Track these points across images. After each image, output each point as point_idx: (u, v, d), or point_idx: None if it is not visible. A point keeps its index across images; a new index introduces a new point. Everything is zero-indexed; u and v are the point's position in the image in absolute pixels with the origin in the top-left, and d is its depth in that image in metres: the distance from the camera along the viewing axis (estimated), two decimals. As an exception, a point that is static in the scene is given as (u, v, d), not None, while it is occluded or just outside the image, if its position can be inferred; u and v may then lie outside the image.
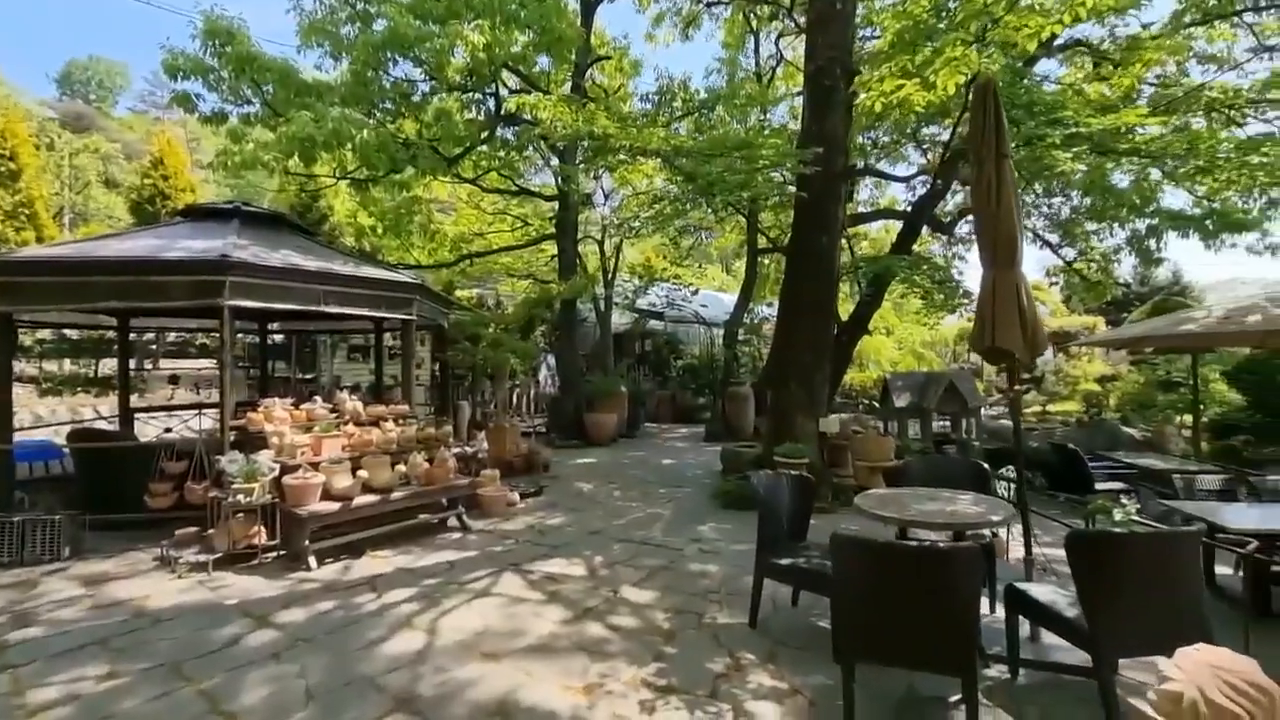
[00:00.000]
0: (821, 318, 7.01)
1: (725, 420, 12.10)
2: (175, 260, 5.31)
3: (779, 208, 12.66)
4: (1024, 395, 19.02)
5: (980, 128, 3.24)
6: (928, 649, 2.45)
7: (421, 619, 3.74)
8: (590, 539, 5.45)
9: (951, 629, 2.39)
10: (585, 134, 8.28)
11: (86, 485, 5.74)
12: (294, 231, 7.57)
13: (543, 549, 5.16)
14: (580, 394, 11.65)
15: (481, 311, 12.65)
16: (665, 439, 12.46)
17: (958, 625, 2.38)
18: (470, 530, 5.68)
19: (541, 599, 4.08)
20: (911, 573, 2.45)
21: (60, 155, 20.03)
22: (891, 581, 2.50)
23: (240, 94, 8.00)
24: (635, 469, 8.91)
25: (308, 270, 5.92)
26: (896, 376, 11.43)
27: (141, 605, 3.92)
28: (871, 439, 6.78)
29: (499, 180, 13.85)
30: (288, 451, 5.19)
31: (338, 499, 4.88)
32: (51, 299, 5.15)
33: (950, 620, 2.38)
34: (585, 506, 6.64)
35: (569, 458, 9.72)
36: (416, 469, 5.44)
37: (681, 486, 7.69)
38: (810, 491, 3.98)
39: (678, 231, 13.17)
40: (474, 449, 6.89)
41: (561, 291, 10.76)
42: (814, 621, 3.75)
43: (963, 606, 2.37)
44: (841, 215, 7.21)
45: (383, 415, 6.35)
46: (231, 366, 5.50)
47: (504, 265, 16.24)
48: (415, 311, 6.93)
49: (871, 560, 2.55)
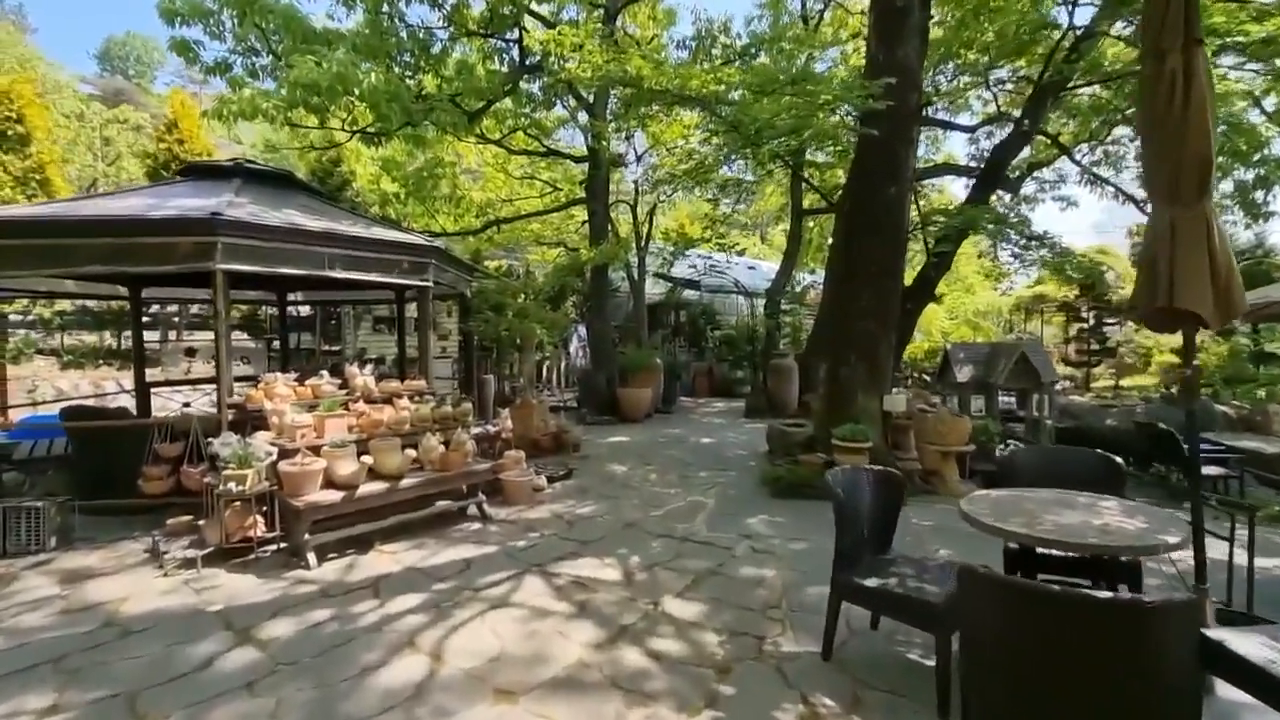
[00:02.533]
0: (888, 281, 6.12)
1: (767, 395, 11.32)
2: (160, 219, 4.74)
3: (827, 165, 11.62)
4: (1094, 368, 17.64)
5: (1162, 4, 2.34)
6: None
7: (427, 637, 3.15)
8: (625, 534, 4.81)
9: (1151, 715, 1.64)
10: (617, 78, 7.43)
11: (82, 467, 5.34)
12: (304, 192, 6.98)
13: (571, 545, 4.54)
14: (613, 367, 10.99)
15: (509, 280, 12.02)
16: (702, 414, 11.76)
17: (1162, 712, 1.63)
18: (491, 521, 5.10)
19: (569, 612, 3.45)
20: (1093, 635, 1.69)
21: (91, 127, 20.05)
22: (1059, 646, 1.74)
23: (246, 43, 7.37)
24: (672, 449, 8.24)
25: (310, 231, 5.31)
26: (958, 347, 10.43)
27: (116, 610, 3.43)
28: (945, 419, 5.93)
29: (526, 141, 13.08)
30: (288, 433, 4.65)
31: (341, 487, 4.32)
32: (29, 263, 4.66)
33: (1152, 706, 1.63)
34: (619, 493, 6.00)
35: (601, 435, 9.11)
36: (430, 453, 4.84)
37: (724, 470, 6.98)
38: (899, 492, 3.23)
39: (718, 188, 12.20)
40: (498, 428, 6.29)
41: (593, 257, 10.02)
42: (903, 653, 3.03)
43: (1173, 689, 1.62)
44: (913, 162, 6.25)
45: (397, 392, 5.77)
46: (227, 337, 4.96)
47: (533, 233, 15.55)
48: (432, 277, 6.29)
49: (1027, 613, 1.79)
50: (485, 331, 8.24)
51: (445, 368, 12.30)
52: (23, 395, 8.96)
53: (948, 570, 2.79)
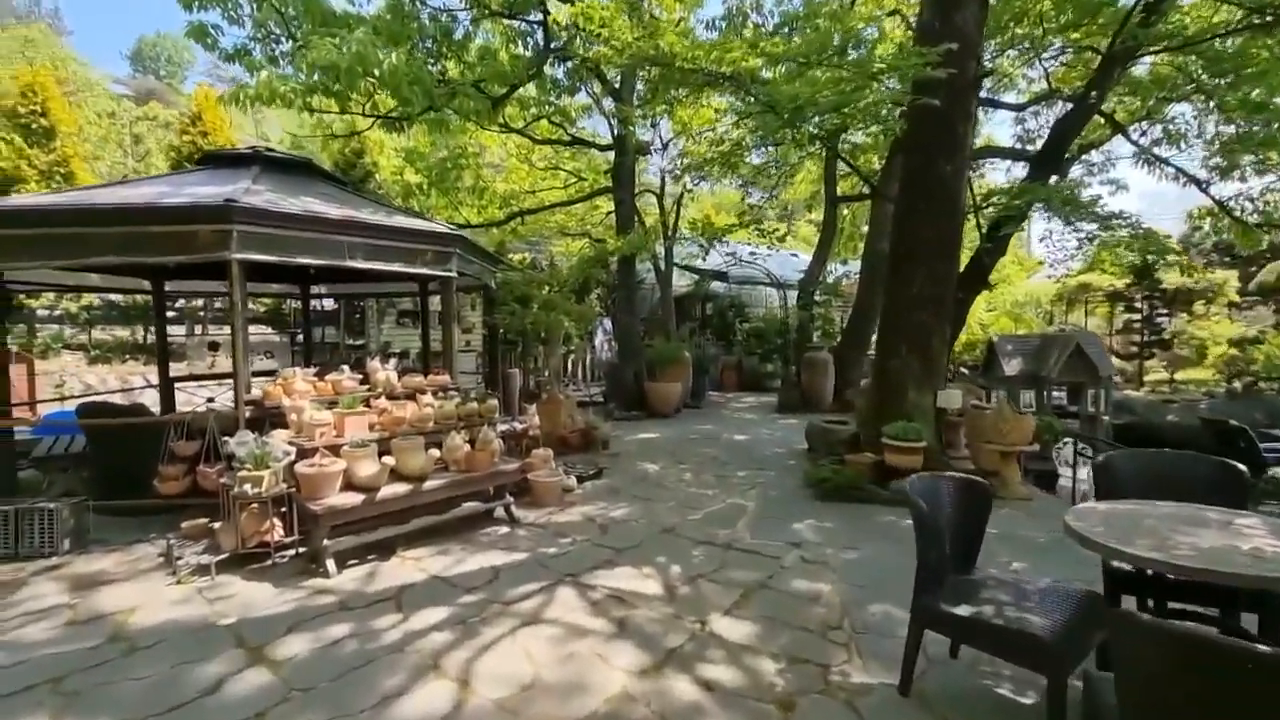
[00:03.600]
0: (942, 266, 5.66)
1: (800, 389, 10.89)
2: (173, 207, 4.51)
3: (865, 147, 11.08)
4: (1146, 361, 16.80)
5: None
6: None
7: (453, 659, 2.86)
8: (663, 540, 4.47)
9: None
10: (647, 56, 7.06)
11: (99, 466, 5.18)
12: (325, 180, 6.75)
13: (606, 552, 4.22)
14: (641, 361, 10.65)
15: (534, 272, 11.74)
16: (733, 410, 11.37)
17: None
18: (519, 524, 4.80)
19: (608, 631, 3.13)
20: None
21: (122, 124, 20.33)
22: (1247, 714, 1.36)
23: (265, 28, 7.16)
24: (705, 445, 7.88)
25: (329, 218, 5.05)
26: (1005, 339, 9.90)
27: (124, 622, 3.20)
28: (1007, 416, 5.47)
29: (550, 130, 12.77)
30: (307, 431, 4.41)
31: (361, 490, 4.06)
32: (40, 254, 4.46)
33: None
34: (653, 494, 5.67)
35: (630, 431, 8.79)
36: (455, 452, 4.56)
37: (762, 469, 6.60)
38: (985, 502, 2.83)
39: (751, 174, 11.74)
40: (525, 424, 6.00)
41: (619, 247, 9.66)
42: (991, 687, 2.65)
43: None
44: (971, 138, 5.77)
45: (420, 388, 5.51)
46: (243, 331, 4.73)
47: (558, 224, 15.26)
48: (456, 267, 6.01)
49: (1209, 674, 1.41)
50: (510, 324, 7.96)
51: (469, 361, 12.09)
52: (51, 390, 8.93)
53: (1054, 596, 2.40)
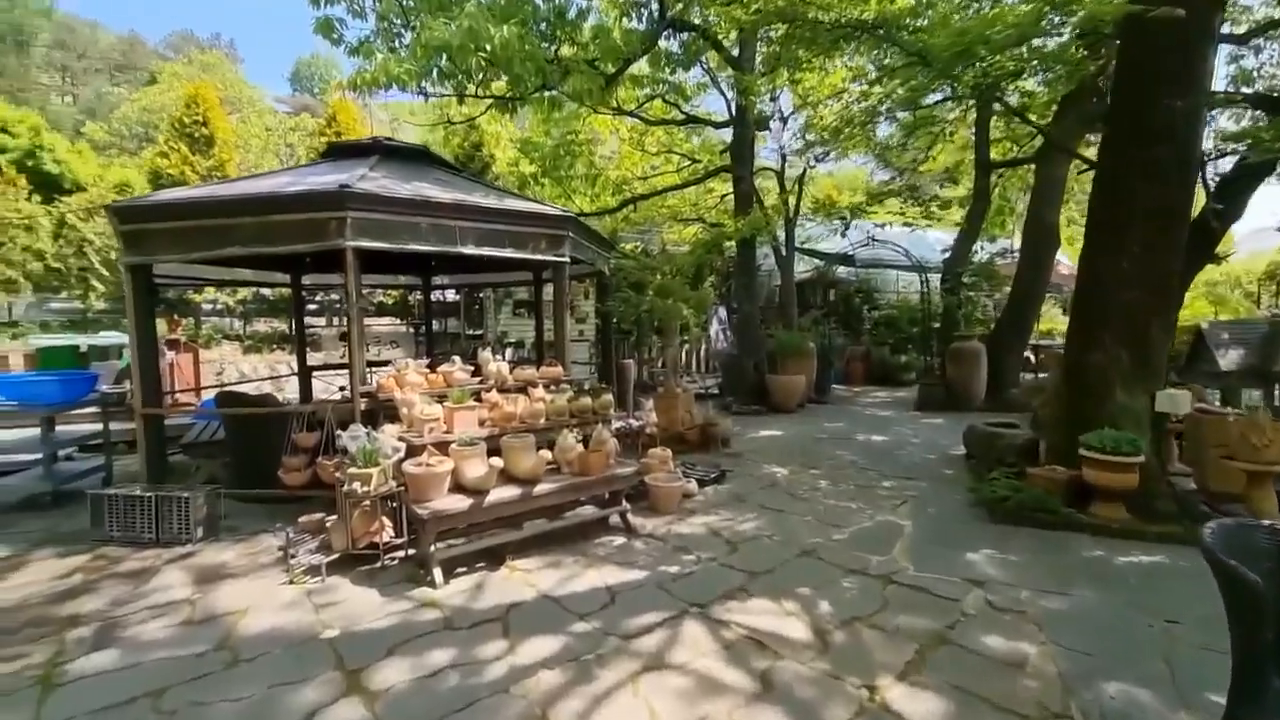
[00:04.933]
0: (1167, 234, 4.42)
1: (946, 384, 9.58)
2: (292, 195, 4.45)
3: (1034, 102, 9.45)
4: None
5: None
6: None
7: (564, 710, 2.39)
8: (803, 565, 3.79)
9: None
10: (775, 8, 6.28)
11: (234, 454, 5.34)
12: (440, 167, 6.65)
13: (736, 576, 3.61)
14: (761, 351, 9.87)
15: (647, 259, 11.29)
16: (864, 405, 10.28)
17: None
18: (636, 535, 4.31)
19: (749, 689, 2.53)
20: None
21: (277, 135, 22.64)
22: None
23: (388, 20, 7.20)
24: (838, 447, 7.02)
25: (440, 203, 4.82)
26: (1219, 326, 8.06)
27: (234, 625, 3.07)
28: (1265, 425, 4.16)
29: (664, 109, 12.26)
30: (417, 426, 4.18)
31: (469, 492, 3.74)
32: (176, 247, 4.58)
33: None
34: (784, 504, 4.97)
35: (750, 428, 8.08)
36: (567, 453, 4.15)
37: (912, 478, 5.67)
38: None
39: (902, 129, 10.48)
40: (641, 421, 5.52)
41: (739, 229, 8.92)
42: None
43: None
44: (1211, 67, 4.44)
45: (532, 380, 5.18)
46: (359, 321, 4.60)
47: (670, 209, 14.75)
48: (568, 252, 5.64)
49: None
50: (625, 312, 7.52)
51: (582, 351, 11.92)
52: (212, 378, 9.76)
53: None
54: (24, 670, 2.70)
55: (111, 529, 4.27)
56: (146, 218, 4.49)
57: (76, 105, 48.70)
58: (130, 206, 4.55)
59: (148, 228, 4.50)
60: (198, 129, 10.94)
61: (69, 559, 3.97)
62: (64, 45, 56.69)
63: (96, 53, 57.72)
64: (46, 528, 4.54)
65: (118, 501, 4.28)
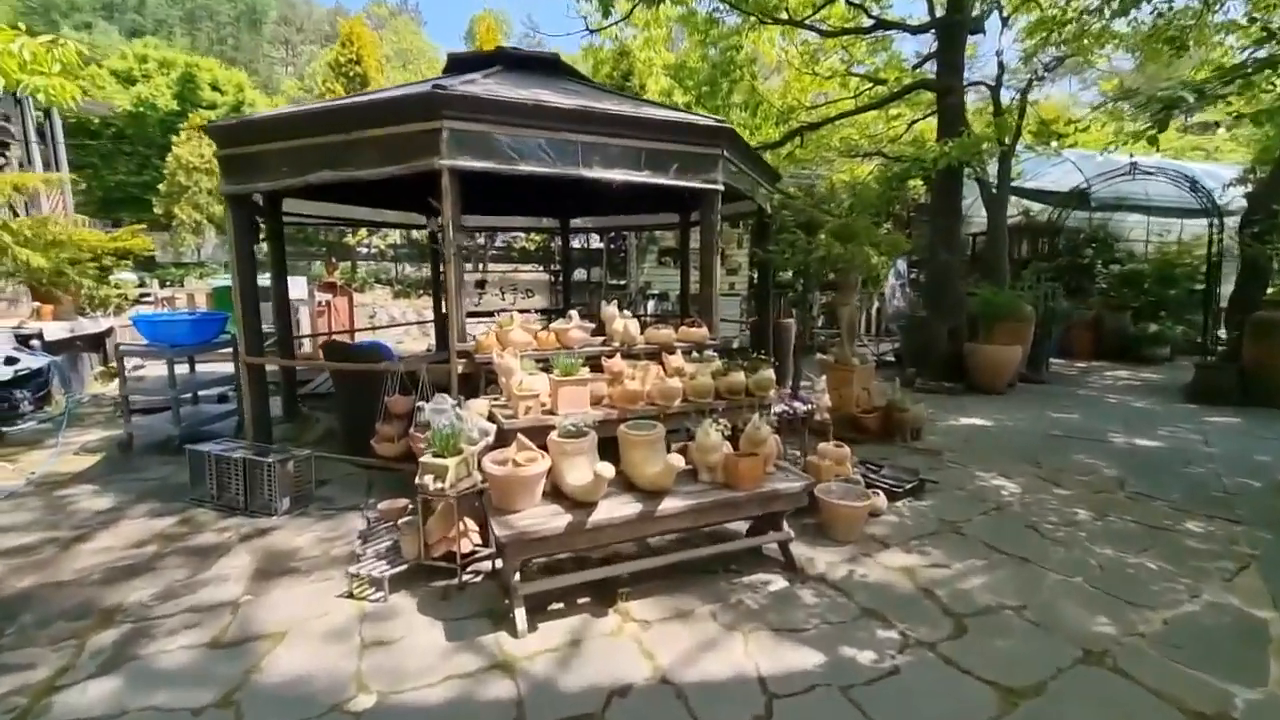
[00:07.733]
0: None
1: (1242, 367, 6.88)
2: (369, 103, 3.60)
3: None
4: None
5: None
6: None
7: None
8: (1092, 680, 2.26)
9: None
10: None
11: (340, 414, 4.85)
12: (571, 78, 5.55)
13: (973, 689, 2.20)
14: (961, 314, 7.82)
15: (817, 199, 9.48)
16: (1099, 389, 7.86)
17: None
18: (803, 577, 3.01)
19: None
20: None
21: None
22: None
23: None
24: (1083, 450, 5.07)
25: (559, 108, 3.70)
26: None
27: (259, 661, 2.33)
28: None
29: (845, 16, 10.10)
30: (515, 402, 3.22)
31: (569, 503, 2.69)
32: (262, 173, 3.95)
33: None
34: (1024, 543, 3.36)
35: (944, 413, 6.31)
36: (708, 454, 2.91)
37: (1234, 518, 3.70)
38: None
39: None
40: (811, 405, 4.13)
41: (946, 153, 6.84)
42: None
43: None
44: None
45: (668, 344, 4.01)
46: (456, 263, 3.69)
47: (844, 140, 12.53)
48: (721, 176, 4.29)
49: None
50: (791, 260, 6.00)
51: (732, 307, 10.56)
52: (364, 320, 9.89)
53: None
54: (10, 696, 2.15)
55: (211, 488, 3.89)
56: (233, 140, 3.90)
57: (294, 72, 55.20)
58: (217, 127, 4.00)
59: (234, 153, 3.92)
60: (352, 68, 11.06)
61: (156, 520, 3.61)
62: (286, 20, 64.91)
63: (310, 25, 65.32)
64: (161, 477, 4.33)
65: (213, 461, 3.87)
